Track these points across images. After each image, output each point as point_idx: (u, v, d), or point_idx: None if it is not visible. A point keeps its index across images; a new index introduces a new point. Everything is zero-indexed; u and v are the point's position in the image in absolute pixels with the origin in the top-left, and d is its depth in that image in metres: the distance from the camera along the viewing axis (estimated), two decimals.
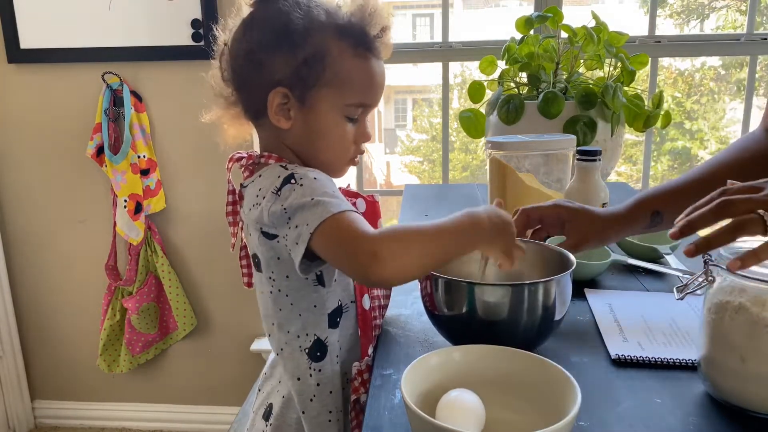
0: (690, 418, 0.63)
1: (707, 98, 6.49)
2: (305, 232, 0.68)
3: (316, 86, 0.77)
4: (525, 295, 0.71)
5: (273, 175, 0.76)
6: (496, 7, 7.83)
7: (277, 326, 0.81)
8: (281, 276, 0.78)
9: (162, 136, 1.98)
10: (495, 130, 1.47)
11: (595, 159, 1.06)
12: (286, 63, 0.76)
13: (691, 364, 0.72)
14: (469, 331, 0.73)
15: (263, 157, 0.80)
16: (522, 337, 0.72)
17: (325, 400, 0.80)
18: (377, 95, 0.82)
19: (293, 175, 0.73)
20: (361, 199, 0.86)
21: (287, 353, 0.81)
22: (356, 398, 0.81)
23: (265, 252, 0.78)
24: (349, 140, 0.81)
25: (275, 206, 0.72)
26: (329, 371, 0.80)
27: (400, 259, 0.64)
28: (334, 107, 0.78)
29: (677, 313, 0.86)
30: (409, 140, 8.45)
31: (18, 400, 2.21)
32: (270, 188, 0.74)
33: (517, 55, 1.48)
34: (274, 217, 0.73)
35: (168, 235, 2.06)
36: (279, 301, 0.80)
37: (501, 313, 0.71)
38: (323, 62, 0.76)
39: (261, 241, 0.77)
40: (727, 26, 5.88)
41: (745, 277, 0.61)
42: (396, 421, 0.63)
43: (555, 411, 0.57)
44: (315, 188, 0.71)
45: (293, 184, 0.72)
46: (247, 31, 0.79)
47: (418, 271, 0.69)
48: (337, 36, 0.77)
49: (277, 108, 0.78)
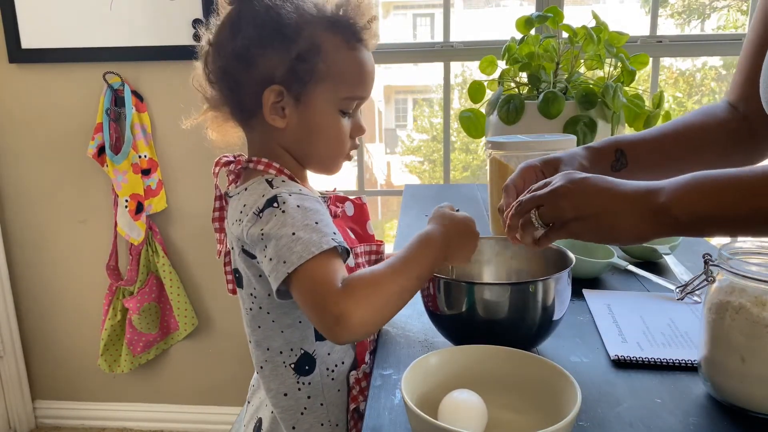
0: (690, 418, 0.63)
1: (708, 98, 6.48)
2: (281, 270, 0.66)
3: (311, 82, 0.75)
4: (525, 294, 0.71)
5: (257, 192, 0.73)
6: (497, 7, 7.83)
7: (254, 344, 0.80)
8: (263, 293, 0.76)
9: (163, 136, 1.98)
10: (495, 130, 1.47)
11: None
12: (280, 59, 0.74)
13: (691, 365, 0.72)
14: (470, 330, 0.73)
15: (252, 162, 0.78)
16: (523, 335, 0.73)
17: (316, 412, 0.79)
18: (370, 87, 0.81)
19: (276, 198, 0.71)
20: (349, 203, 0.85)
21: (268, 371, 0.79)
22: (355, 407, 0.80)
23: (246, 269, 0.76)
24: (346, 135, 0.80)
25: (254, 228, 0.70)
26: (319, 384, 0.79)
27: (366, 311, 0.64)
28: (330, 102, 0.77)
29: (676, 313, 0.86)
30: (409, 140, 8.45)
31: (19, 400, 2.21)
32: (252, 207, 0.72)
33: (517, 55, 1.48)
34: (252, 240, 0.71)
35: (169, 235, 2.06)
36: (258, 319, 0.78)
37: (501, 312, 0.71)
38: (317, 57, 0.75)
39: (242, 258, 0.76)
40: (728, 26, 5.87)
41: (746, 277, 0.61)
42: (396, 421, 0.63)
43: (555, 411, 0.57)
44: (296, 219, 0.69)
45: (275, 208, 0.70)
46: (235, 29, 0.76)
47: (390, 311, 0.68)
48: (329, 29, 0.76)
49: (272, 106, 0.76)
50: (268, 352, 0.79)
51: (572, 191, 0.67)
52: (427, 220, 0.77)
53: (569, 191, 0.68)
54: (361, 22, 0.78)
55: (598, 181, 0.68)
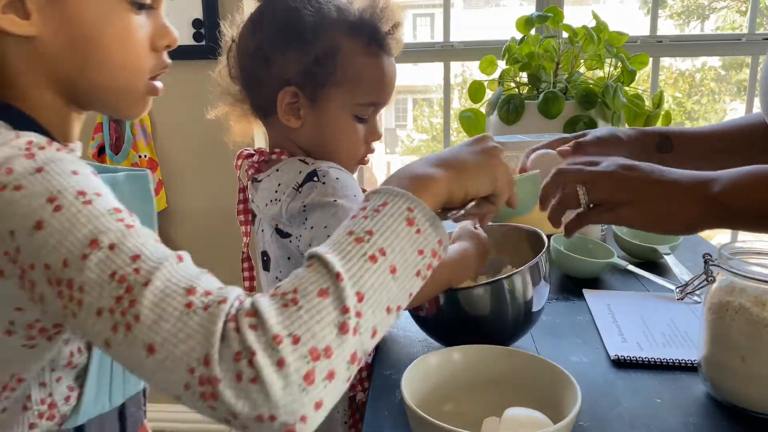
0: (690, 418, 0.63)
1: (708, 98, 6.49)
2: (322, 236, 0.66)
3: (327, 85, 0.75)
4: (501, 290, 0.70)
5: (293, 169, 0.74)
6: (497, 7, 7.83)
7: None
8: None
9: (163, 135, 1.98)
10: (495, 130, 1.47)
11: None
12: (297, 61, 0.74)
13: (691, 365, 0.72)
14: (452, 331, 0.73)
15: (275, 153, 0.79)
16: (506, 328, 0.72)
17: None
18: (389, 94, 0.80)
19: (316, 172, 0.71)
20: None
21: None
22: (353, 395, 0.80)
23: (276, 250, 0.76)
24: (360, 140, 0.79)
25: (295, 203, 0.71)
26: None
27: None
28: (345, 107, 0.76)
29: (676, 313, 0.86)
30: (409, 140, 8.45)
31: None
32: (291, 183, 0.72)
33: (517, 55, 1.48)
34: (291, 215, 0.71)
35: (169, 235, 2.06)
36: None
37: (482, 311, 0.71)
38: (334, 61, 0.74)
39: (273, 238, 0.76)
40: (726, 27, 5.87)
41: (746, 277, 0.61)
42: (396, 421, 0.63)
43: (555, 411, 0.57)
44: (337, 188, 0.70)
45: (315, 181, 0.71)
46: (256, 27, 0.77)
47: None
48: (349, 33, 0.75)
49: (287, 107, 0.76)
50: None
51: (627, 177, 0.66)
52: None
53: (624, 176, 0.66)
54: (385, 27, 0.77)
55: (652, 168, 0.67)
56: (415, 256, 0.47)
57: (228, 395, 0.39)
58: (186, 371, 0.40)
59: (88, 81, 0.53)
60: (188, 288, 0.42)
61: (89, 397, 0.57)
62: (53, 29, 0.50)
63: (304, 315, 0.41)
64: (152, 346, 0.40)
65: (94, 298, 0.41)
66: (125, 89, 0.55)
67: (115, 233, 0.43)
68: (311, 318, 0.41)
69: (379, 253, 0.45)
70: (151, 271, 0.42)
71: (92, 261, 0.42)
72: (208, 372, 0.39)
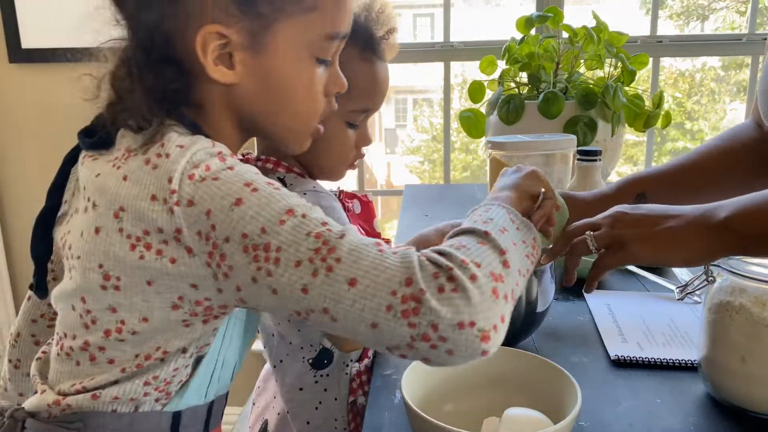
0: (690, 418, 0.63)
1: (708, 98, 6.49)
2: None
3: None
4: None
5: None
6: (497, 7, 7.83)
7: (278, 337, 0.80)
8: None
9: None
10: (495, 130, 1.46)
11: (596, 159, 1.06)
12: None
13: (691, 365, 0.72)
14: None
15: (260, 160, 0.78)
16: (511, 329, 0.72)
17: (330, 406, 0.80)
18: (381, 100, 0.79)
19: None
20: (356, 201, 0.85)
21: (287, 364, 0.80)
22: (353, 399, 0.80)
23: None
24: (350, 145, 0.78)
25: None
26: (336, 377, 0.80)
27: None
28: (337, 113, 0.74)
29: (676, 313, 0.86)
30: (409, 140, 8.45)
31: None
32: None
33: (517, 55, 1.48)
34: None
35: None
36: None
37: None
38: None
39: None
40: (725, 27, 5.88)
41: (746, 277, 0.62)
42: (396, 421, 0.63)
43: (555, 411, 0.57)
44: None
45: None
46: None
47: None
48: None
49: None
50: (290, 346, 0.79)
51: (631, 215, 0.68)
52: (426, 220, 0.77)
53: (627, 215, 0.68)
54: (380, 32, 0.76)
55: (653, 206, 0.69)
56: (521, 243, 0.55)
57: (433, 304, 0.45)
58: (388, 293, 0.45)
59: (273, 122, 0.61)
60: (376, 242, 0.49)
61: (195, 385, 0.59)
62: (253, 79, 0.57)
63: (475, 251, 0.49)
64: (354, 280, 0.46)
65: (291, 254, 0.47)
66: (302, 130, 0.64)
67: (305, 207, 0.50)
68: (482, 253, 0.49)
69: (502, 230, 0.53)
70: (342, 231, 0.49)
71: (288, 225, 0.48)
72: (412, 289, 0.45)
